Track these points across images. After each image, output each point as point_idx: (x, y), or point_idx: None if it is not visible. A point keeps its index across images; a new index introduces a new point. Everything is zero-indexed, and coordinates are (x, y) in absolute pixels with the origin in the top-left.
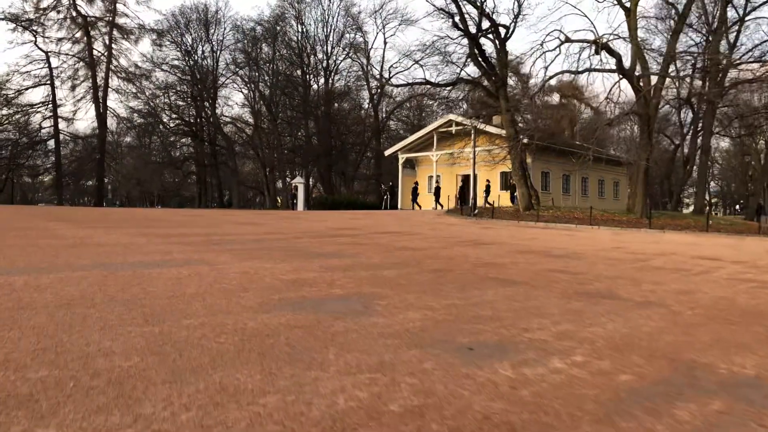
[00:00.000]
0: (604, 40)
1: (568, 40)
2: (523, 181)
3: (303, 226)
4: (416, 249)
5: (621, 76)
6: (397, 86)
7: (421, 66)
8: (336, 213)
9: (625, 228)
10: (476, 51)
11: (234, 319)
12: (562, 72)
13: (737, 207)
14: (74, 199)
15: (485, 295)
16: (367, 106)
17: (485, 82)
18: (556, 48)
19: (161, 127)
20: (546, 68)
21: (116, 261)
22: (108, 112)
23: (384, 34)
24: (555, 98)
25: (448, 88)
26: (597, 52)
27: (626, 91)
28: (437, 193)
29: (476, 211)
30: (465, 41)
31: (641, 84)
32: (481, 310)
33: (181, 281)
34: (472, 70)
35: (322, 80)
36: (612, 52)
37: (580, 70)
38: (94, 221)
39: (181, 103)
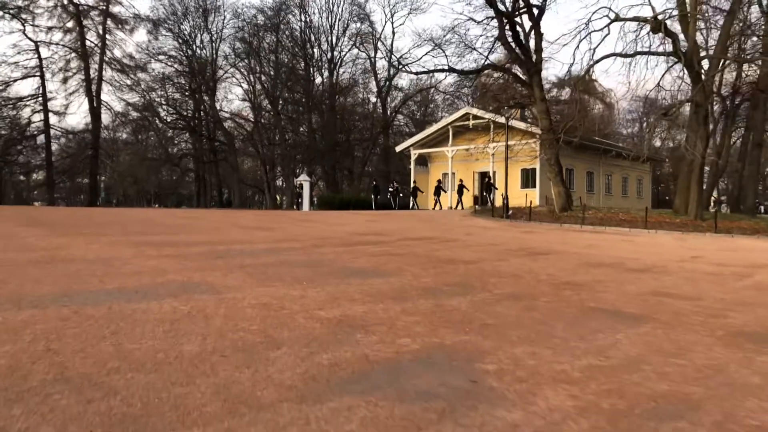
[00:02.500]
0: (667, 16)
1: (618, 18)
2: (559, 179)
3: (318, 230)
4: (467, 262)
5: (678, 59)
6: (417, 74)
7: (443, 50)
8: (348, 214)
9: (685, 232)
10: (509, 33)
11: (269, 423)
12: (611, 55)
13: (761, 207)
14: (69, 198)
15: (620, 345)
16: (374, 99)
17: (514, 69)
18: (604, 27)
19: (158, 122)
20: (593, 51)
21: (88, 288)
22: (102, 106)
23: (393, 23)
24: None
25: (471, 77)
26: (655, 32)
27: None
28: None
29: (510, 212)
30: (494, 23)
31: (696, 68)
32: (643, 378)
33: (176, 327)
34: (494, 58)
35: (326, 73)
36: (669, 33)
37: (630, 53)
38: (76, 225)
39: (178, 96)
